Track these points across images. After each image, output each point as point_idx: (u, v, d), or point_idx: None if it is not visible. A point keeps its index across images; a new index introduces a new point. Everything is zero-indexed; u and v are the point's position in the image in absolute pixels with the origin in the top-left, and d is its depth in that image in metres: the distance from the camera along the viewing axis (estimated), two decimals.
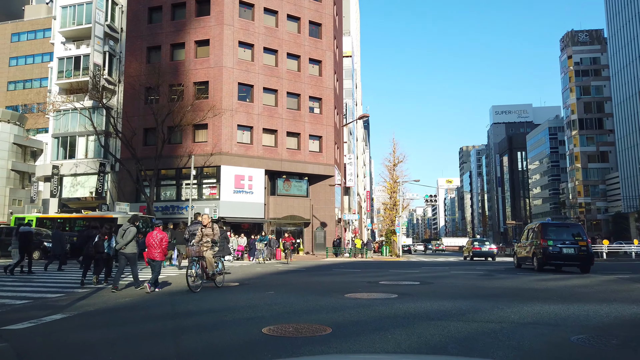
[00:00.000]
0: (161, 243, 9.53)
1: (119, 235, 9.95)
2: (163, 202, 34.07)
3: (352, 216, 34.55)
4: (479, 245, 32.41)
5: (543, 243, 15.51)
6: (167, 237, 9.89)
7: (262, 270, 16.04)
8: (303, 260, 25.59)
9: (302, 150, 36.22)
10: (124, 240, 9.79)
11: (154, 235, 9.60)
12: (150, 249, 9.52)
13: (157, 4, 36.26)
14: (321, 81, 37.78)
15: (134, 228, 9.95)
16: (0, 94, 56.28)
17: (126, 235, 9.80)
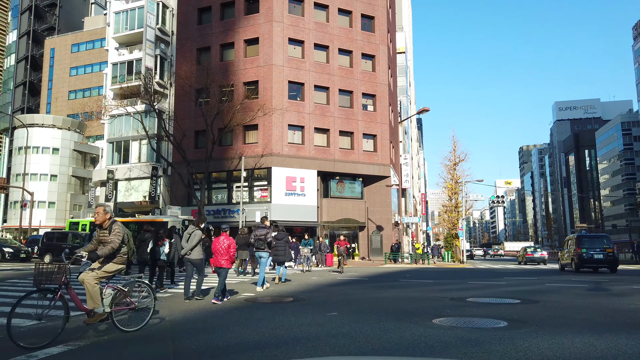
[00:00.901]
0: (228, 250, 8.85)
1: (183, 239, 9.21)
2: (214, 205, 33.27)
3: (413, 219, 32.29)
4: (532, 251, 35.97)
5: (578, 251, 20.04)
6: (234, 243, 9.17)
7: (318, 280, 14.28)
8: (360, 267, 23.66)
9: (356, 149, 34.37)
10: (189, 245, 9.02)
11: (220, 241, 8.89)
12: (216, 255, 8.86)
13: (206, 5, 35.74)
14: (375, 77, 35.81)
15: (199, 231, 9.16)
16: (62, 102, 58.32)
17: (191, 239, 9.04)
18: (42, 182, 49.06)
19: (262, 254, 11.09)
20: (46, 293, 5.25)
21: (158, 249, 10.87)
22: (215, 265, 8.94)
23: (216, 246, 8.95)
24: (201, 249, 9.23)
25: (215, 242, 9.05)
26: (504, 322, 5.97)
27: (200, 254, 9.21)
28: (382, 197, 35.53)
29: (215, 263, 8.92)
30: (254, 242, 11.14)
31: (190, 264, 9.19)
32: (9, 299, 8.92)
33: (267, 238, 11.06)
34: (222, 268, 8.84)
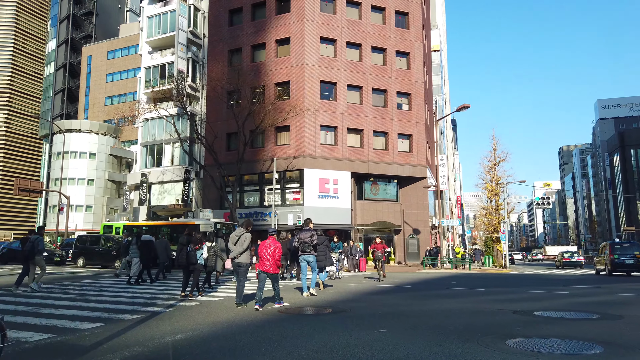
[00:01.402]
0: (274, 254, 8.52)
1: (230, 242, 8.83)
2: (246, 208, 32.76)
3: (452, 222, 30.81)
4: (569, 256, 38.15)
5: (611, 257, 22.39)
6: (281, 247, 8.79)
7: (356, 287, 13.28)
8: (397, 272, 22.52)
9: (391, 150, 33.22)
10: (239, 249, 8.62)
11: (267, 245, 8.60)
12: (262, 260, 8.56)
13: (237, 6, 35.43)
14: (409, 75, 34.58)
15: (249, 234, 8.76)
16: (99, 108, 59.44)
17: (240, 242, 8.64)
18: (80, 186, 49.94)
19: (309, 257, 10.69)
20: None
21: (195, 252, 10.54)
22: (261, 270, 8.62)
23: (262, 250, 8.60)
24: (249, 254, 8.87)
25: (261, 245, 8.72)
26: (596, 345, 4.86)
27: (249, 257, 8.85)
28: (418, 199, 34.21)
29: (262, 267, 8.61)
30: (299, 246, 10.75)
31: (238, 267, 8.80)
32: (12, 305, 8.36)
33: (313, 241, 10.64)
34: (269, 274, 8.52)
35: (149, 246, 14.34)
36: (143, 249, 14.15)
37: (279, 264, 8.84)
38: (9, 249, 24.29)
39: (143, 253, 14.10)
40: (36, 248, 11.55)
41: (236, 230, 8.99)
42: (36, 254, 11.58)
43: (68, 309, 8.11)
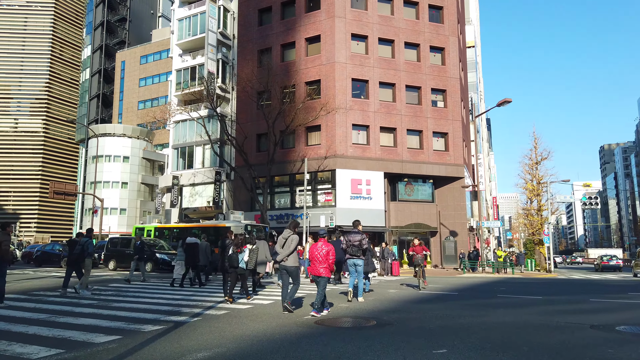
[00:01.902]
0: (327, 257, 8.17)
1: (277, 244, 8.50)
2: (277, 210, 32.15)
3: (493, 223, 29.28)
4: (607, 260, 39.08)
5: None
6: (333, 250, 8.44)
7: (397, 294, 12.26)
8: (436, 276, 21.34)
9: (425, 149, 31.98)
10: (286, 251, 8.23)
11: (318, 248, 8.26)
12: (314, 263, 8.22)
13: (266, 5, 34.97)
14: (444, 71, 33.27)
15: (296, 236, 8.38)
16: (132, 112, 60.29)
17: (287, 244, 8.26)
18: (114, 190, 50.55)
19: (358, 261, 10.24)
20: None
21: (237, 256, 10.17)
22: (313, 274, 8.26)
23: (314, 253, 8.22)
24: (297, 256, 8.45)
25: (312, 248, 8.37)
26: None
27: (297, 260, 8.43)
28: (455, 199, 32.82)
29: (313, 271, 8.23)
30: (347, 249, 10.31)
31: (286, 271, 8.38)
32: (18, 311, 7.79)
33: (363, 245, 10.18)
34: (320, 277, 8.15)
35: (194, 249, 14.09)
36: (189, 251, 13.99)
37: (332, 267, 8.33)
38: (42, 252, 24.39)
39: (189, 255, 13.92)
40: (86, 251, 11.61)
41: (283, 232, 8.58)
42: (86, 257, 11.68)
43: (87, 317, 7.49)
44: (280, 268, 8.49)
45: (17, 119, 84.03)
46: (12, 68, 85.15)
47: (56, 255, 23.98)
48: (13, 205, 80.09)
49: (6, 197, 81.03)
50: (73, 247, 11.78)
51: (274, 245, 11.47)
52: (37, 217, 79.54)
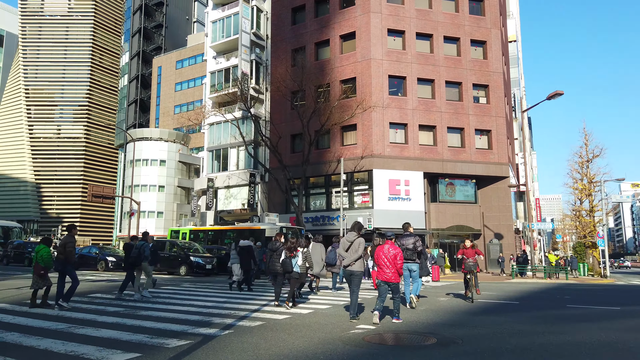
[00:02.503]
0: (395, 261, 7.63)
1: (341, 247, 8.07)
2: (313, 212, 31.34)
3: (544, 225, 27.44)
4: None
5: None
6: (401, 253, 7.88)
7: (449, 303, 11.03)
8: (484, 282, 19.88)
9: (467, 147, 30.46)
10: (353, 255, 7.77)
11: (385, 251, 7.72)
12: (381, 268, 7.73)
13: (300, 3, 34.35)
14: (486, 65, 31.66)
15: (362, 239, 7.94)
16: (169, 117, 60.96)
17: (353, 248, 7.81)
18: (151, 193, 51.01)
19: (412, 266, 9.96)
20: None
21: (290, 260, 9.88)
22: (380, 279, 7.74)
23: (380, 256, 7.72)
24: (363, 260, 7.98)
25: (378, 251, 7.83)
26: None
27: (363, 265, 7.98)
28: (499, 200, 31.10)
29: (380, 276, 7.74)
30: (413, 249, 9.98)
31: (353, 276, 7.92)
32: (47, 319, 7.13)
33: (417, 247, 9.73)
34: (390, 283, 7.68)
35: (248, 251, 13.95)
36: (242, 254, 13.82)
37: (401, 271, 7.83)
38: (79, 255, 24.35)
39: (243, 258, 13.72)
40: (142, 255, 11.45)
41: (347, 235, 8.08)
42: (143, 261, 11.50)
43: (108, 328, 6.79)
44: (345, 273, 8.03)
45: (60, 125, 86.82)
46: (55, 76, 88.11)
47: (92, 258, 23.90)
48: (57, 209, 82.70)
49: (50, 201, 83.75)
50: (129, 251, 11.73)
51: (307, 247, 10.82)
52: (79, 220, 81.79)
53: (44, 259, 9.23)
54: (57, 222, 78.01)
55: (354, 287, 7.94)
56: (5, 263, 27.12)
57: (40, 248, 9.36)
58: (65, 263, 9.44)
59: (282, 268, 9.86)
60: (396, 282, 7.71)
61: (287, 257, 9.82)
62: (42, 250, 9.29)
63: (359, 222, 8.25)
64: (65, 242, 9.49)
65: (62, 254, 9.39)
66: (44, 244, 9.49)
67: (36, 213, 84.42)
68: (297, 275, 9.88)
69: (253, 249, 14.35)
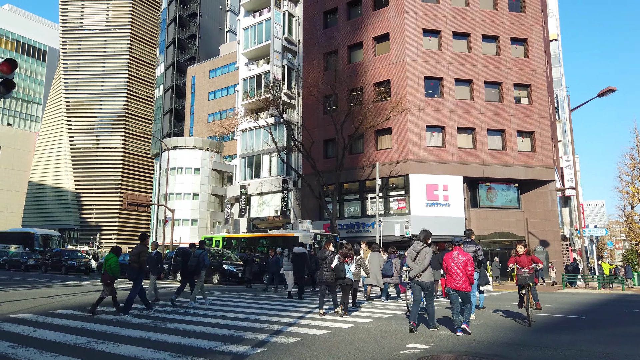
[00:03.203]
0: (465, 267, 7.38)
1: (408, 258, 7.94)
2: (347, 219, 30.50)
3: (598, 231, 25.68)
4: None
5: None
6: (472, 260, 7.67)
7: (506, 318, 10.02)
8: None
9: (509, 150, 29.01)
10: (421, 266, 7.59)
11: (454, 258, 7.50)
12: (450, 275, 7.50)
13: (331, 7, 33.81)
14: (528, 64, 30.18)
15: (429, 248, 7.76)
16: (202, 125, 61.52)
17: (420, 258, 7.65)
18: (185, 201, 51.37)
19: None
20: None
21: (343, 266, 9.72)
22: (450, 287, 7.48)
23: (450, 263, 7.49)
24: (431, 271, 7.82)
25: (447, 258, 7.60)
26: None
27: (432, 275, 7.78)
28: (544, 205, 29.43)
29: (451, 284, 7.45)
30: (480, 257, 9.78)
31: (419, 287, 7.73)
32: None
33: (479, 256, 9.44)
34: (461, 292, 7.40)
35: (302, 258, 13.70)
36: (296, 261, 13.58)
37: (472, 279, 7.53)
38: None
39: (297, 266, 13.47)
40: (202, 263, 11.46)
41: (413, 244, 7.89)
42: (202, 269, 11.55)
43: (131, 343, 6.17)
44: (412, 284, 7.81)
45: (98, 136, 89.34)
46: (94, 88, 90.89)
47: (126, 266, 23.76)
48: (96, 217, 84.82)
49: (89, 210, 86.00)
50: (187, 259, 11.61)
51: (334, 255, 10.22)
52: (117, 229, 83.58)
53: (112, 268, 9.30)
54: (96, 230, 79.93)
55: (427, 298, 7.74)
56: (43, 271, 27.44)
57: (109, 257, 9.47)
58: (139, 271, 9.61)
59: (335, 274, 9.63)
60: (467, 291, 7.36)
61: (340, 262, 9.61)
62: (111, 260, 9.39)
63: (426, 231, 7.94)
64: (139, 251, 9.68)
65: (136, 262, 9.57)
66: (113, 254, 9.59)
67: (76, 222, 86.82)
68: (350, 282, 9.75)
69: (307, 256, 14.03)
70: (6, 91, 8.89)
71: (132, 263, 9.63)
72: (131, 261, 9.66)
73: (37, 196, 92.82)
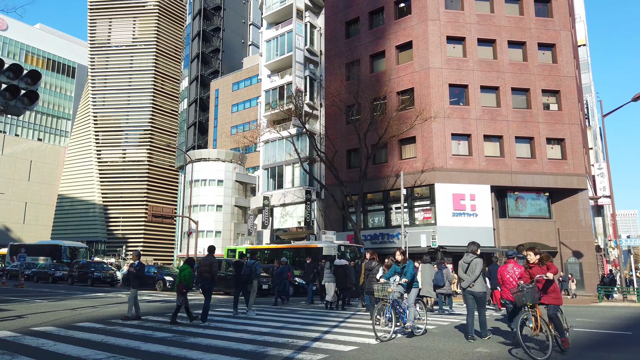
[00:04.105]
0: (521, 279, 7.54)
1: (459, 269, 8.30)
2: (371, 229, 30.01)
3: (635, 241, 24.52)
4: None
5: None
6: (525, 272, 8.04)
7: None
8: (568, 305, 17.65)
9: (538, 158, 28.16)
10: (472, 277, 7.98)
11: (509, 270, 7.88)
12: (506, 287, 7.87)
13: (353, 17, 33.72)
14: (556, 69, 29.38)
15: (479, 259, 8.20)
16: (226, 138, 61.99)
17: (471, 269, 8.02)
18: (209, 212, 51.61)
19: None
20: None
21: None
22: (506, 298, 7.91)
23: (504, 275, 7.87)
24: (484, 281, 8.22)
25: (502, 270, 7.97)
26: None
27: (484, 285, 8.16)
28: (576, 215, 28.37)
29: (506, 295, 7.83)
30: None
31: (472, 297, 8.04)
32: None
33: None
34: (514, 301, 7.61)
35: (345, 270, 13.68)
36: (338, 273, 13.59)
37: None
38: None
39: (339, 277, 13.45)
40: (254, 272, 11.72)
41: (464, 256, 8.28)
42: (254, 279, 11.84)
43: (151, 359, 5.90)
44: (465, 295, 8.14)
45: (125, 150, 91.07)
46: (120, 103, 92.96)
47: (151, 277, 23.79)
48: (122, 230, 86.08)
49: (116, 223, 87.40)
50: (240, 269, 11.88)
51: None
52: (143, 241, 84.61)
53: (186, 279, 9.69)
54: (123, 242, 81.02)
55: (480, 308, 8.04)
56: (70, 283, 27.71)
57: (184, 268, 9.81)
58: (211, 281, 10.11)
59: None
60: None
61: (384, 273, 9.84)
62: (185, 271, 9.74)
63: (475, 243, 8.27)
64: (210, 262, 10.29)
65: (208, 272, 10.13)
66: (188, 265, 9.90)
67: (103, 234, 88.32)
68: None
69: (350, 268, 13.93)
70: (30, 103, 8.84)
71: (203, 273, 10.08)
72: (203, 271, 10.11)
73: (65, 209, 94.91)
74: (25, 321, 9.61)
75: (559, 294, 7.24)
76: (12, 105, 8.38)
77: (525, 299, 6.80)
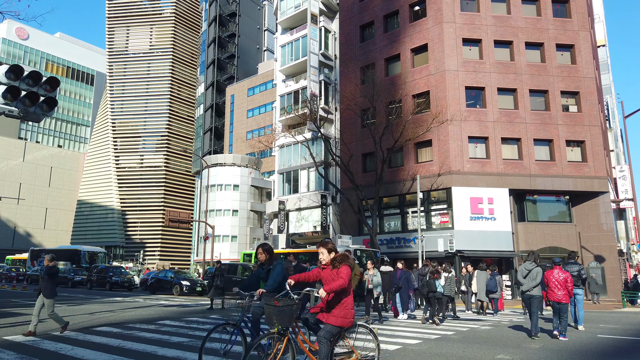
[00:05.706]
0: (565, 283, 9.12)
1: (519, 274, 9.43)
2: (387, 234, 29.80)
3: None
4: None
5: None
6: (571, 277, 9.34)
7: (572, 341, 9.20)
8: (590, 310, 17.22)
9: (558, 160, 27.66)
10: (533, 282, 9.10)
11: (554, 275, 9.25)
12: (552, 290, 9.22)
13: (368, 20, 33.68)
14: (575, 70, 28.88)
15: (540, 269, 9.23)
16: (241, 143, 62.39)
17: (531, 276, 9.16)
18: (225, 217, 51.90)
19: (578, 290, 10.93)
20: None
21: (434, 281, 11.45)
22: (552, 300, 9.16)
23: (550, 279, 9.20)
24: (540, 287, 9.20)
25: (548, 275, 9.26)
26: None
27: (540, 290, 9.20)
28: (597, 218, 27.77)
29: (551, 297, 9.18)
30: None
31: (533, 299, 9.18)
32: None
33: (582, 274, 10.69)
34: (560, 303, 9.08)
35: (390, 276, 13.70)
36: (384, 279, 13.55)
37: (572, 293, 9.26)
38: (156, 279, 24.56)
39: (385, 282, 13.49)
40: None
41: (525, 263, 9.36)
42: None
43: None
44: (524, 297, 9.27)
45: (142, 156, 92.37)
46: (138, 110, 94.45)
47: (168, 282, 23.94)
48: (140, 234, 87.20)
49: (134, 228, 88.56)
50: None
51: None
52: (160, 245, 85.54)
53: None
54: (140, 247, 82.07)
55: (533, 309, 9.11)
56: (89, 287, 28.06)
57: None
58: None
59: (427, 288, 11.50)
60: (566, 303, 9.00)
61: (430, 278, 11.62)
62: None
63: (536, 253, 9.52)
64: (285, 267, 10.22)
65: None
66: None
67: (122, 239, 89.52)
68: (440, 295, 11.57)
69: (394, 274, 13.82)
70: (49, 109, 8.95)
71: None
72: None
73: (85, 214, 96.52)
74: (44, 325, 9.70)
75: (348, 311, 5.07)
76: (32, 112, 8.50)
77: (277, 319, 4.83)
